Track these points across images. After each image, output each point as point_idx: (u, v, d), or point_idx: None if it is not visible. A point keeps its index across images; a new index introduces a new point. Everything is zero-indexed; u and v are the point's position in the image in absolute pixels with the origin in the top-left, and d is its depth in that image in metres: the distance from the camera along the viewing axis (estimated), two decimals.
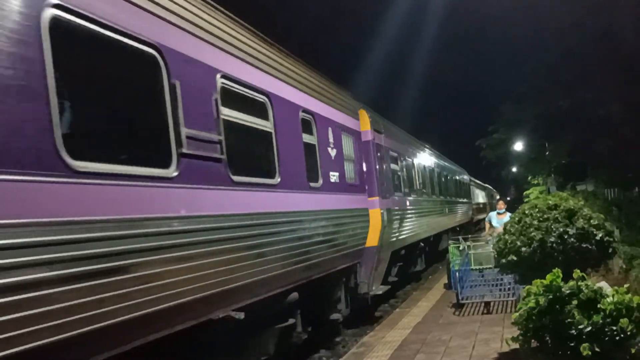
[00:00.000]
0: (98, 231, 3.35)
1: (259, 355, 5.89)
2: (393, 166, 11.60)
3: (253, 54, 5.90)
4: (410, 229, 12.39)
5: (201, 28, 4.90)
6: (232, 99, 5.26)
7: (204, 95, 4.79)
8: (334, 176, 8.00)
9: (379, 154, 10.29)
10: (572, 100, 24.98)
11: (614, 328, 4.25)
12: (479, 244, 10.93)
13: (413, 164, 14.31)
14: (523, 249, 6.26)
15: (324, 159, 7.68)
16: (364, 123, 9.93)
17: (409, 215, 12.41)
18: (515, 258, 6.35)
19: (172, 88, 4.30)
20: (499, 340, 6.79)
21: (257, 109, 5.89)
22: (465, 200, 26.95)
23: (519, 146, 37.33)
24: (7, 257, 2.77)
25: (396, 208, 11.03)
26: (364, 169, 9.59)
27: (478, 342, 6.98)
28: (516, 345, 4.98)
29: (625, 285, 4.83)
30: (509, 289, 9.04)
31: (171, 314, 4.00)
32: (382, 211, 9.73)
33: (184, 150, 4.31)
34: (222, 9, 5.44)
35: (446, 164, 22.37)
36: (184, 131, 4.35)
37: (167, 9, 4.40)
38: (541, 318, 4.58)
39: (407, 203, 12.46)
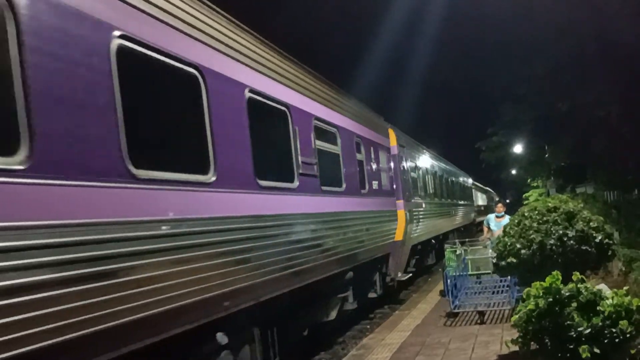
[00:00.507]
0: (270, 220, 5.74)
1: (324, 316, 7.96)
2: (412, 174, 14.04)
3: (331, 101, 8.47)
4: (425, 227, 14.60)
5: (305, 89, 7.37)
6: (320, 133, 7.69)
7: (309, 134, 7.21)
8: (375, 184, 10.31)
9: (402, 164, 12.74)
10: (571, 102, 25.00)
11: (614, 330, 4.26)
12: (477, 248, 10.56)
13: (427, 171, 16.86)
14: (523, 251, 6.27)
15: (368, 171, 9.99)
16: (392, 139, 12.44)
17: (424, 216, 14.68)
18: (514, 260, 6.36)
19: (295, 132, 6.70)
20: (498, 343, 6.79)
21: (331, 139, 8.30)
22: (468, 203, 28.22)
23: (518, 148, 37.36)
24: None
25: (415, 209, 13.32)
26: (393, 176, 11.99)
27: (477, 344, 6.98)
28: (516, 348, 4.98)
29: (625, 288, 4.84)
30: (505, 297, 8.64)
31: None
32: (405, 211, 12.02)
33: (301, 171, 6.69)
34: (313, 71, 8.01)
35: (452, 169, 24.13)
36: (300, 159, 6.72)
37: (293, 82, 6.94)
38: (541, 320, 4.58)
39: (423, 205, 14.75)
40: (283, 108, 6.55)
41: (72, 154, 3.24)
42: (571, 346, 4.34)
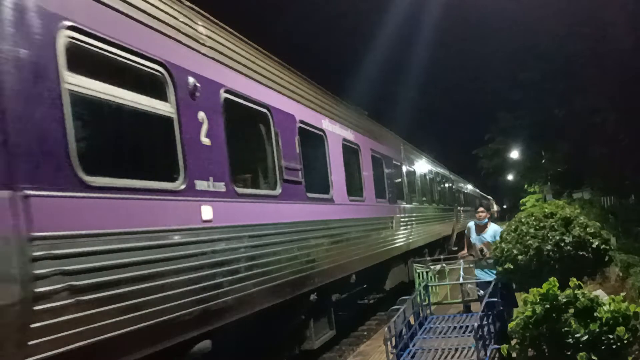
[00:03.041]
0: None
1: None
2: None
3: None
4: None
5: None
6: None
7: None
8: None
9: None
10: (568, 108, 25.09)
11: (611, 337, 4.24)
12: (454, 266, 7.68)
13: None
14: (519, 257, 6.26)
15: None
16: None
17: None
18: (511, 266, 6.35)
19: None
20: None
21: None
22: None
23: (515, 154, 37.45)
24: None
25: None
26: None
27: None
28: (513, 354, 4.95)
29: (622, 294, 4.83)
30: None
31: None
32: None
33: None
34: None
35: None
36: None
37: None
38: (538, 327, 4.56)
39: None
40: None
41: None
42: (568, 353, 4.32)
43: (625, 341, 4.24)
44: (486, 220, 8.18)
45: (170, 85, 4.48)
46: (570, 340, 4.33)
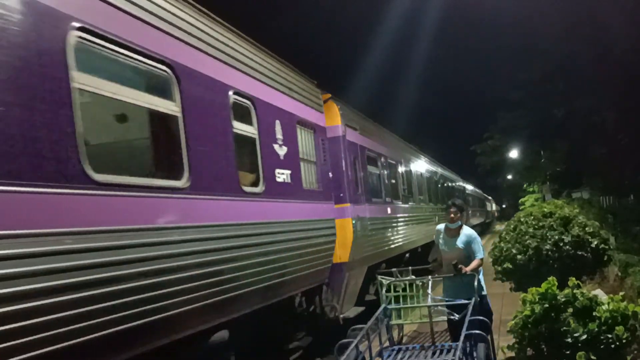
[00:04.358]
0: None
1: None
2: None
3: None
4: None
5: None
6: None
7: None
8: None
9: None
10: (567, 108, 25.13)
11: (610, 336, 4.25)
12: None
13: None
14: (519, 256, 6.28)
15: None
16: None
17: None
18: (510, 266, 6.36)
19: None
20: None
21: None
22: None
23: (514, 153, 37.46)
24: None
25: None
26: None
27: None
28: (512, 354, 4.96)
29: (621, 293, 4.84)
30: None
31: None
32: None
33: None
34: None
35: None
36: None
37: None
38: (537, 326, 4.57)
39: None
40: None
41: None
42: (567, 352, 4.33)
43: (624, 340, 4.25)
44: (459, 222, 6.17)
45: None
46: (569, 339, 4.34)
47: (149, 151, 4.80)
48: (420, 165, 16.36)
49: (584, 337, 4.29)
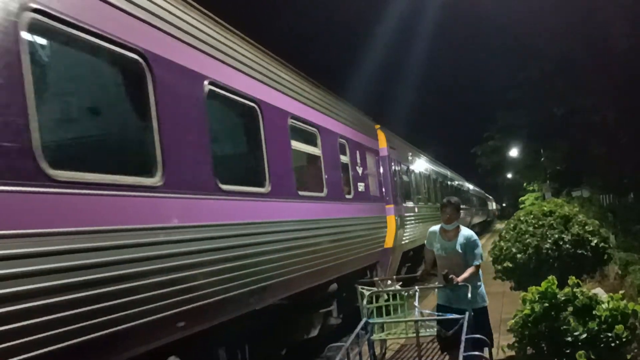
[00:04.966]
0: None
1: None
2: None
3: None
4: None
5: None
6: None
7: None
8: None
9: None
10: (567, 107, 25.13)
11: (610, 335, 4.25)
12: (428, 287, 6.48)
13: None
14: (518, 255, 6.28)
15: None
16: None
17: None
18: (510, 265, 6.36)
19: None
20: (494, 347, 6.76)
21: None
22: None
23: (514, 152, 37.48)
24: None
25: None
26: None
27: None
28: (512, 353, 4.96)
29: (621, 292, 4.83)
30: None
31: None
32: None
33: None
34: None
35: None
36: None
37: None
38: (537, 325, 4.57)
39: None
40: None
41: None
42: (567, 351, 4.33)
43: (624, 339, 4.24)
44: (456, 223, 5.53)
45: None
46: (569, 338, 4.34)
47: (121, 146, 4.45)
48: (434, 171, 19.42)
49: (584, 335, 4.29)
